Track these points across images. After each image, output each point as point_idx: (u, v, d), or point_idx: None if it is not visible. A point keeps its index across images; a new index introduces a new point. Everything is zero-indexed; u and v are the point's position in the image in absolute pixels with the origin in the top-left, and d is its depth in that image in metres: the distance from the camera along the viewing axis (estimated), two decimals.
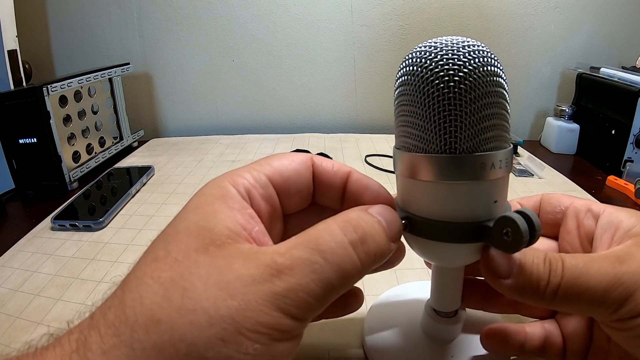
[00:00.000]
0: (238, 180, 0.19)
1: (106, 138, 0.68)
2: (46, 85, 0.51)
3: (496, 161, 0.19)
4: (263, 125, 0.84)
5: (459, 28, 0.76)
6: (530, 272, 0.18)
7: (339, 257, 0.16)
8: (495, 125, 0.19)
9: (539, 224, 0.17)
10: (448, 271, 0.24)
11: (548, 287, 0.18)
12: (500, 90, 0.19)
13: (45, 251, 0.40)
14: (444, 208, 0.19)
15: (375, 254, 0.17)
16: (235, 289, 0.15)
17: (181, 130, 0.84)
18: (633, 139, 0.57)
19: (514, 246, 0.17)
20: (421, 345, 0.26)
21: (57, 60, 0.81)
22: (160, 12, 0.77)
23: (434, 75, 0.18)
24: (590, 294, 0.17)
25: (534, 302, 0.19)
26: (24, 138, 0.52)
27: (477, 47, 0.18)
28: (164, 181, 0.57)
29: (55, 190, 0.54)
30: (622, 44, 0.77)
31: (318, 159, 0.21)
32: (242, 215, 0.17)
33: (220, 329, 0.14)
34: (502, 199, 0.20)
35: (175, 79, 0.82)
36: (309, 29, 0.78)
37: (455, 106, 0.18)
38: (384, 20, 0.77)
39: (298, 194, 0.21)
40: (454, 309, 0.26)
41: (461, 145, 0.18)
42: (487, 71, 0.18)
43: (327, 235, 0.16)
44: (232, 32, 0.78)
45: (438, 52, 0.18)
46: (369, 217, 0.18)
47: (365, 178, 0.22)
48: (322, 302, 0.16)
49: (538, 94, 0.81)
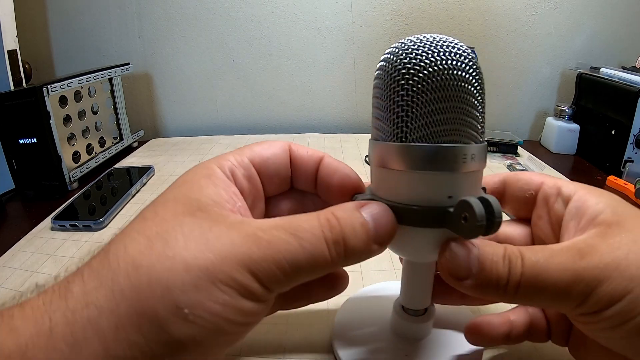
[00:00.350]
0: (223, 162, 0.20)
1: (106, 138, 0.68)
2: (46, 86, 0.51)
3: (451, 154, 0.19)
4: (263, 125, 0.84)
5: (459, 28, 0.76)
6: (489, 270, 0.18)
7: (313, 248, 0.17)
8: (451, 119, 0.19)
9: (499, 211, 0.17)
10: (417, 267, 0.24)
11: (508, 285, 0.17)
12: (464, 86, 0.19)
13: (45, 251, 0.40)
14: (404, 192, 0.20)
15: (347, 254, 0.18)
16: (214, 245, 0.16)
17: (181, 130, 0.84)
18: (633, 139, 0.57)
19: (472, 231, 0.17)
20: (389, 343, 0.26)
21: (57, 60, 0.81)
22: (160, 12, 0.77)
23: (397, 72, 0.19)
24: (551, 290, 0.17)
25: (496, 299, 0.19)
26: (24, 138, 0.52)
27: (451, 47, 0.19)
28: (164, 181, 0.57)
29: (55, 191, 0.54)
30: (622, 44, 0.77)
31: (295, 146, 0.23)
32: (226, 192, 0.19)
33: (194, 277, 0.15)
34: (461, 194, 0.19)
35: (175, 79, 0.82)
36: (309, 29, 0.78)
37: (409, 97, 0.19)
38: (384, 21, 0.77)
39: (277, 175, 0.22)
40: (423, 307, 0.25)
41: (412, 134, 0.19)
42: (449, 66, 0.19)
43: (307, 226, 0.17)
44: (232, 32, 0.78)
45: (406, 50, 0.19)
46: (355, 217, 0.18)
47: (336, 162, 0.23)
48: (290, 279, 0.17)
49: (538, 94, 0.81)
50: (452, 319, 0.28)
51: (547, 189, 0.23)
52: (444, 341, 0.26)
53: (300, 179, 0.23)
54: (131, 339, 0.15)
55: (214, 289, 0.15)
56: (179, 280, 0.15)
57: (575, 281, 0.17)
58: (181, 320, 0.15)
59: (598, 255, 0.17)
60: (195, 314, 0.15)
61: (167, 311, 0.15)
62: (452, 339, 0.26)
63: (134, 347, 0.15)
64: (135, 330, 0.15)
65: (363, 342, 0.26)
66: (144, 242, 0.16)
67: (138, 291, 0.15)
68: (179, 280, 0.15)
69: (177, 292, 0.15)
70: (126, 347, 0.15)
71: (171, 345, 0.15)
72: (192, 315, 0.15)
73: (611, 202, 0.20)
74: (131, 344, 0.15)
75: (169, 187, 0.19)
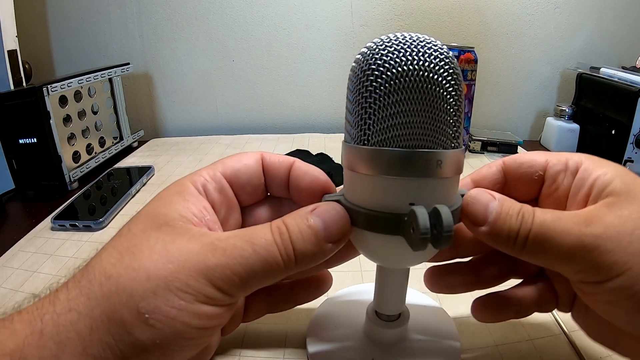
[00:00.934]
0: (195, 178, 0.22)
1: (106, 138, 0.68)
2: (46, 85, 0.51)
3: (412, 160, 0.18)
4: (263, 125, 0.84)
5: (459, 28, 0.76)
6: (503, 221, 0.19)
7: (266, 253, 0.19)
8: (415, 123, 0.18)
9: (449, 224, 0.17)
10: (388, 272, 0.24)
11: (518, 237, 0.18)
12: (433, 88, 0.18)
13: (45, 251, 0.40)
14: (365, 196, 0.20)
15: (297, 257, 0.19)
16: (174, 256, 0.18)
17: (181, 130, 0.84)
18: (633, 139, 0.57)
19: (417, 243, 0.17)
20: (359, 345, 0.26)
21: (57, 60, 0.81)
22: (160, 12, 0.77)
23: (363, 73, 0.19)
24: (555, 251, 0.18)
25: (506, 251, 0.19)
26: (24, 138, 0.52)
27: (424, 47, 0.18)
28: (164, 181, 0.57)
29: (55, 190, 0.54)
30: (622, 44, 0.77)
31: (267, 154, 0.24)
32: (196, 206, 0.21)
33: (154, 285, 0.17)
34: (427, 202, 0.18)
35: (175, 79, 0.82)
36: (309, 29, 0.78)
37: (372, 99, 0.18)
38: (384, 21, 0.77)
39: (249, 184, 0.23)
40: (395, 313, 0.25)
41: (374, 137, 0.19)
42: (417, 67, 0.18)
43: (261, 234, 0.19)
44: (232, 32, 0.78)
45: (374, 50, 0.19)
46: (302, 222, 0.20)
47: (306, 165, 0.24)
48: (246, 283, 0.19)
49: (538, 94, 0.81)
50: (431, 327, 0.27)
51: (554, 165, 0.22)
52: (416, 348, 0.25)
53: (274, 185, 0.24)
54: (103, 339, 0.17)
55: (170, 295, 0.17)
56: (141, 288, 0.17)
57: (578, 246, 0.17)
58: (142, 324, 0.17)
59: (603, 225, 0.18)
60: (155, 318, 0.17)
61: (130, 316, 0.17)
62: (425, 347, 0.26)
63: (106, 347, 0.17)
64: (106, 332, 0.17)
65: (334, 341, 0.26)
66: (116, 256, 0.18)
67: (108, 298, 0.17)
68: (140, 289, 0.17)
69: (139, 299, 0.17)
70: (100, 348, 0.17)
71: (136, 347, 0.17)
72: (152, 320, 0.17)
73: (619, 171, 0.20)
74: (103, 344, 0.17)
75: (147, 203, 0.21)
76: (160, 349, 0.17)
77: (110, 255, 0.19)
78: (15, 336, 0.17)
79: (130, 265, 0.18)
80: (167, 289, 0.17)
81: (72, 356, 0.17)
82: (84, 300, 0.17)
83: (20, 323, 0.17)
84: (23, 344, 0.16)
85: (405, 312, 0.26)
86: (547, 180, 0.23)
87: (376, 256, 0.23)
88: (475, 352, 0.26)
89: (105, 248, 0.19)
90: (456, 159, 0.19)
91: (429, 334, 0.27)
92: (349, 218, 0.20)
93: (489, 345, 0.27)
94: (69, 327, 0.17)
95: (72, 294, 0.18)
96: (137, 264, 0.18)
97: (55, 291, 0.18)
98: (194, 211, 0.20)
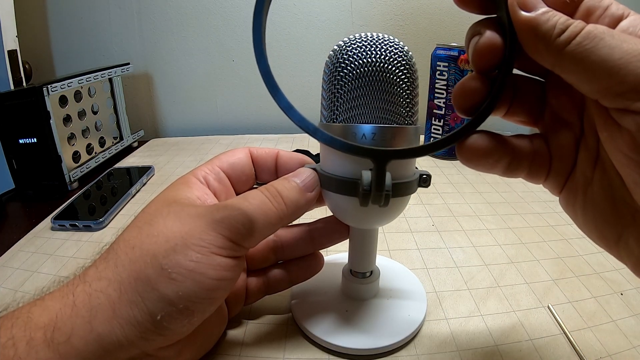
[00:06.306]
0: (197, 172, 0.26)
1: (106, 138, 0.68)
2: (46, 85, 0.51)
3: (361, 133, 0.22)
4: (263, 125, 0.84)
5: (459, 28, 0.77)
6: (549, 16, 0.17)
7: (260, 203, 0.22)
8: (371, 103, 0.23)
9: (388, 184, 0.21)
10: (359, 232, 0.28)
11: (560, 37, 0.17)
12: (388, 76, 0.22)
13: (45, 251, 0.40)
14: (332, 164, 0.24)
15: (286, 203, 0.23)
16: (185, 220, 0.21)
17: (181, 130, 0.84)
18: None
19: (361, 198, 0.21)
20: (336, 301, 0.29)
21: (57, 60, 0.81)
22: (160, 12, 0.77)
23: (333, 66, 0.23)
24: (603, 59, 0.16)
25: (541, 50, 0.18)
26: (24, 138, 0.52)
27: (383, 44, 0.23)
28: (164, 181, 0.57)
29: (55, 190, 0.54)
30: None
31: (254, 148, 0.28)
32: (199, 192, 0.24)
33: (173, 244, 0.20)
34: None
35: (175, 79, 0.82)
36: (309, 29, 0.78)
37: (339, 85, 0.23)
38: (384, 20, 0.77)
39: (242, 174, 0.27)
40: (367, 270, 0.29)
41: (341, 115, 0.23)
42: (374, 59, 0.22)
43: (253, 193, 0.23)
44: (232, 32, 0.78)
45: (342, 47, 0.23)
46: (284, 180, 0.24)
47: (289, 152, 0.28)
48: (249, 230, 0.22)
49: None
50: (400, 286, 0.32)
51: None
52: (386, 304, 0.29)
53: (262, 173, 0.28)
54: (132, 299, 0.19)
55: (188, 250, 0.20)
56: (162, 249, 0.20)
57: (623, 61, 0.15)
58: (166, 279, 0.19)
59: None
60: (176, 272, 0.19)
61: (155, 273, 0.19)
62: (394, 303, 0.30)
63: (134, 306, 0.19)
64: (134, 292, 0.19)
65: (315, 296, 0.30)
66: (136, 230, 0.21)
67: (134, 262, 0.20)
68: (162, 249, 0.20)
69: (161, 258, 0.20)
70: (128, 307, 0.19)
71: (162, 300, 0.19)
72: (174, 274, 0.19)
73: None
74: (132, 304, 0.19)
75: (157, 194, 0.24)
76: (183, 300, 0.19)
77: (130, 232, 0.21)
78: (48, 311, 0.19)
79: (150, 233, 0.21)
80: (184, 245, 0.20)
81: (103, 319, 0.19)
82: (112, 269, 0.20)
83: (52, 300, 0.19)
84: (56, 317, 0.18)
85: (376, 270, 0.30)
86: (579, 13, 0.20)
87: (345, 216, 0.27)
88: (475, 352, 0.26)
89: (126, 229, 0.22)
90: (411, 134, 0.24)
91: (398, 293, 0.31)
92: (317, 175, 0.25)
93: (489, 345, 0.27)
94: (99, 293, 0.19)
95: (100, 267, 0.20)
96: (155, 231, 0.21)
97: (84, 271, 0.21)
98: (198, 195, 0.24)
